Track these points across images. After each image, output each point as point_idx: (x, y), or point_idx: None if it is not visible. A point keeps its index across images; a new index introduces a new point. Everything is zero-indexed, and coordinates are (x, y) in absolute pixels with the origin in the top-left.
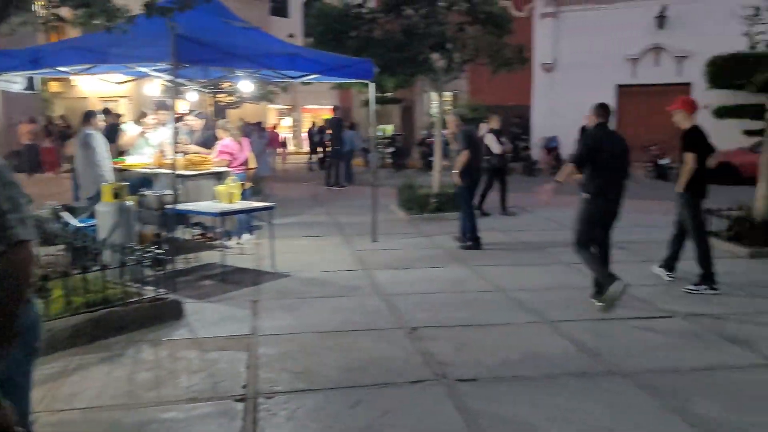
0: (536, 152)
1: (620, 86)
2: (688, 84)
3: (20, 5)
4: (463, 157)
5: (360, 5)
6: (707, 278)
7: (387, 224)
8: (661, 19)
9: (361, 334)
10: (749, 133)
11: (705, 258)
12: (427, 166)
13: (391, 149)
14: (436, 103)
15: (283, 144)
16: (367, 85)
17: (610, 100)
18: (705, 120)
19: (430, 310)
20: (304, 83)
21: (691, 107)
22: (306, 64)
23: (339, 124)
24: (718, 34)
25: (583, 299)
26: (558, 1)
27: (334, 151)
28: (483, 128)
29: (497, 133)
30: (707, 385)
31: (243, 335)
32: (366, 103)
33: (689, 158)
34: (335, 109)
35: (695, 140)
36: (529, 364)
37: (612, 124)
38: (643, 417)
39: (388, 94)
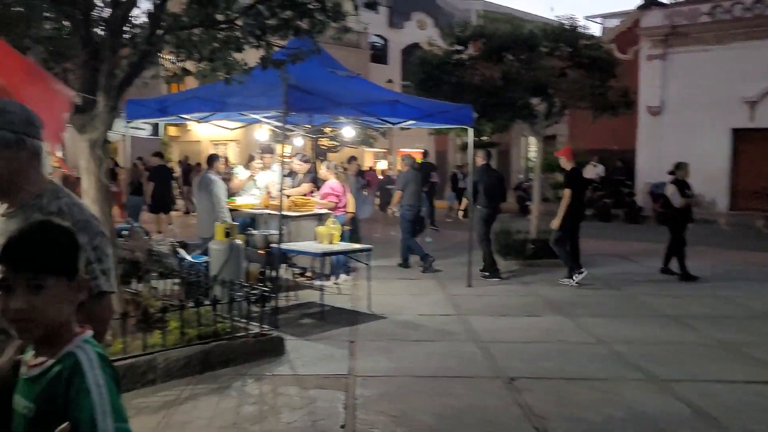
0: (641, 199)
1: (736, 130)
2: None
3: (153, 60)
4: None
5: (459, 51)
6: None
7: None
8: None
9: (457, 380)
10: None
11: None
12: (524, 210)
13: None
14: (534, 148)
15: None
16: (465, 129)
17: (725, 145)
18: None
19: (528, 359)
20: (402, 128)
21: (570, 154)
22: (406, 111)
23: (429, 168)
24: None
25: (692, 357)
26: (665, 42)
27: (426, 195)
28: (589, 171)
29: (681, 185)
30: None
31: (341, 375)
32: (462, 147)
33: (567, 193)
34: (424, 153)
35: (574, 179)
36: (637, 424)
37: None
38: None
39: (485, 138)
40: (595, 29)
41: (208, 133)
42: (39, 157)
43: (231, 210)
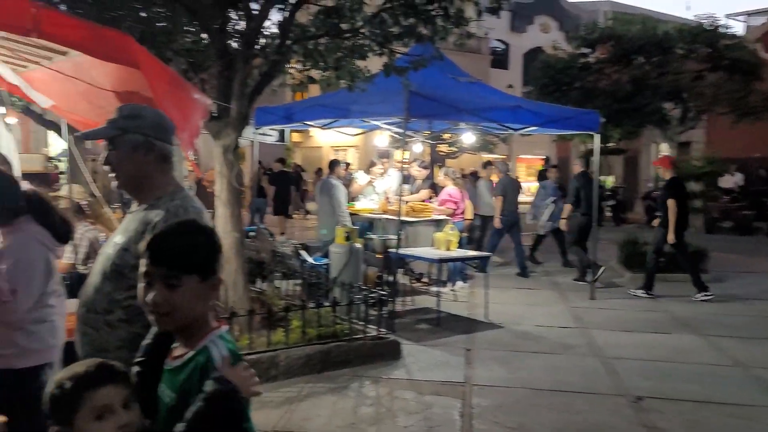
0: None
1: None
2: None
3: (282, 69)
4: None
5: (585, 54)
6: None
7: (606, 282)
8: None
9: (577, 396)
10: None
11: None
12: (652, 221)
13: (611, 202)
14: (666, 155)
15: None
16: (590, 135)
17: None
18: None
19: (655, 378)
20: (523, 134)
21: (669, 164)
22: (528, 116)
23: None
24: None
25: None
26: None
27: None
28: (727, 180)
29: None
30: None
31: (457, 382)
32: (586, 153)
33: (672, 204)
34: (546, 160)
35: (675, 189)
36: None
37: None
38: None
39: (611, 145)
40: (738, 28)
41: (329, 140)
42: (168, 160)
43: (350, 214)
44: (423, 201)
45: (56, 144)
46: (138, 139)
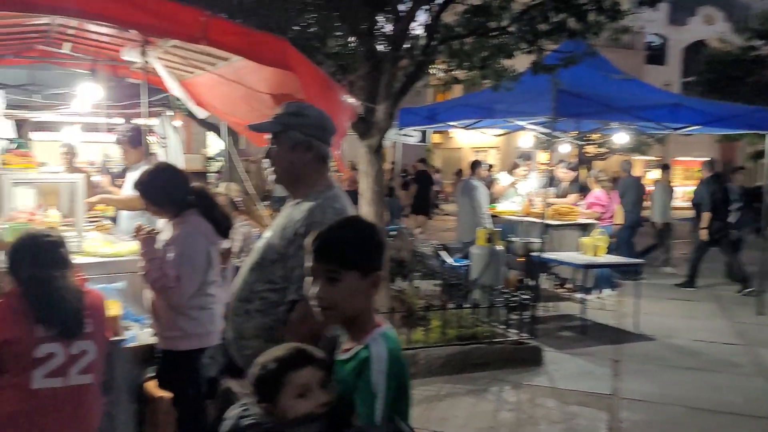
0: None
1: None
2: None
3: (427, 70)
4: None
5: (756, 48)
6: None
7: None
8: None
9: (740, 418)
10: None
11: None
12: None
13: None
14: None
15: None
16: (761, 136)
17: None
18: None
19: None
20: (683, 134)
21: None
22: (689, 115)
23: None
24: None
25: None
26: None
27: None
28: None
29: None
30: None
31: (603, 394)
32: (754, 155)
33: None
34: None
35: None
36: None
37: None
38: None
39: None
40: None
41: (469, 141)
42: (324, 160)
43: (492, 216)
44: (571, 205)
45: (214, 145)
46: (299, 137)
